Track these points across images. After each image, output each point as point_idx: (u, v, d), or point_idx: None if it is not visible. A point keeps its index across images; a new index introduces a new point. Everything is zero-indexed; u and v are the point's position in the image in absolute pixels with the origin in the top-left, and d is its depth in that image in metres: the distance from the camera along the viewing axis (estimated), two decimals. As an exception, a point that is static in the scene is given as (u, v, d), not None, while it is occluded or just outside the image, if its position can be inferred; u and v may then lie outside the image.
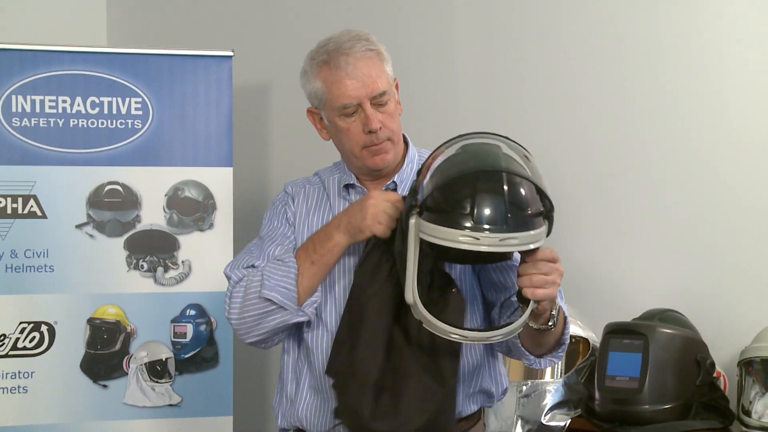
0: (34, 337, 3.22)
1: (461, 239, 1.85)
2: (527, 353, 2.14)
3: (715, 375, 2.86)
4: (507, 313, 2.16)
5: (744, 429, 2.79)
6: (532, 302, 1.94)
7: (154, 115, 3.32)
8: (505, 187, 1.87)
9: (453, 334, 1.95)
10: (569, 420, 2.90)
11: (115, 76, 3.30)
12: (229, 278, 2.21)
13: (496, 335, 1.98)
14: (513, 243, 1.86)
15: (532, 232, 1.88)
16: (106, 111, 3.29)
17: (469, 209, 1.85)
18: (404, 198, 2.02)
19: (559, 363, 2.91)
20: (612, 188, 3.25)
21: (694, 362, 2.82)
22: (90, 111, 3.28)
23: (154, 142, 3.32)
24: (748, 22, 3.10)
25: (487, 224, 1.84)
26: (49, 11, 3.82)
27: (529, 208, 1.89)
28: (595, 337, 3.03)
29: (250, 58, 3.67)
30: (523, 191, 1.89)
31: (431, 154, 2.01)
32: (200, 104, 3.35)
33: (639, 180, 3.22)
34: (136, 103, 3.31)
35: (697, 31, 3.16)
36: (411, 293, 1.94)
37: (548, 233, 1.95)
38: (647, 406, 2.75)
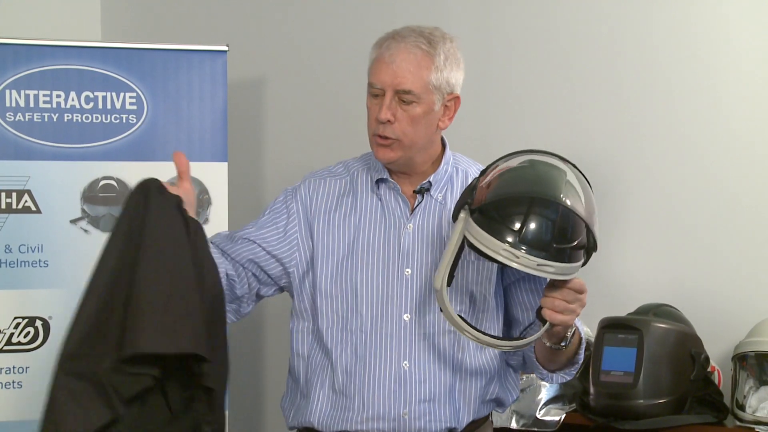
0: (29, 332, 3.21)
1: (502, 252, 1.92)
2: (540, 367, 2.19)
3: (709, 369, 2.87)
4: (530, 333, 2.20)
5: (738, 423, 2.80)
6: (548, 323, 2.01)
7: (149, 110, 3.31)
8: (557, 219, 1.94)
9: (467, 331, 2.03)
10: (564, 414, 2.91)
11: (109, 71, 3.29)
12: None
13: (505, 345, 2.09)
14: (548, 270, 1.94)
15: (569, 265, 1.96)
16: (100, 106, 3.27)
17: (517, 227, 1.92)
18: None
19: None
20: (607, 184, 3.25)
21: (689, 357, 2.83)
22: (84, 106, 3.27)
23: (149, 136, 3.31)
24: (745, 20, 3.10)
25: (530, 246, 1.92)
26: (43, 5, 3.80)
27: (573, 242, 1.96)
28: (589, 332, 3.03)
29: (244, 53, 3.66)
30: (572, 226, 1.96)
31: (496, 161, 2.06)
32: (195, 99, 3.34)
33: (634, 176, 3.22)
34: (130, 97, 3.30)
35: (695, 29, 3.16)
36: (440, 279, 2.00)
37: (584, 264, 2.02)
38: (642, 401, 2.76)
